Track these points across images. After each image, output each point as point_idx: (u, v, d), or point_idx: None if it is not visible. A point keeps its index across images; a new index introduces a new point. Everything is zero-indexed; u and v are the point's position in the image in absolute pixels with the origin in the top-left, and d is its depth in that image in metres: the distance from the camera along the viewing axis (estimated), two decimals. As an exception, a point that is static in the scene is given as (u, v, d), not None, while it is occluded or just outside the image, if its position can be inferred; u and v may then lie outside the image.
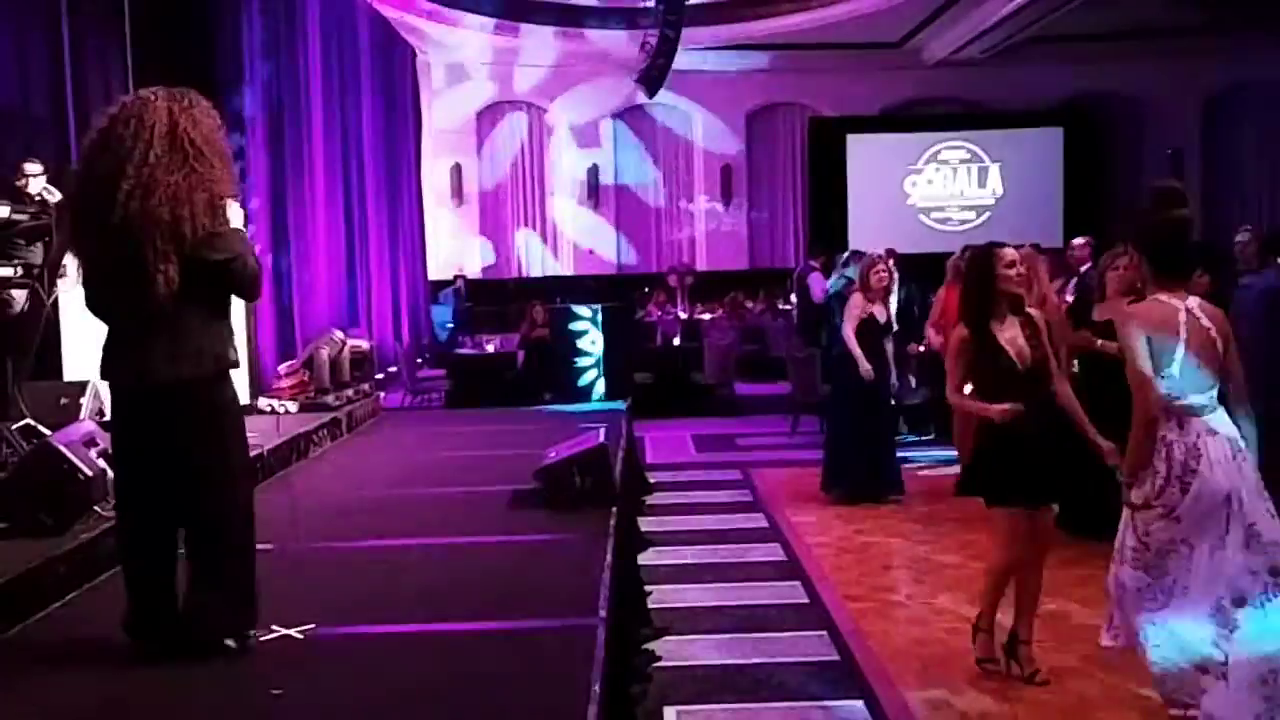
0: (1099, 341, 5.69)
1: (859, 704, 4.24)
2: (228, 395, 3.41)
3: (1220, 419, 3.46)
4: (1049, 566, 4.50)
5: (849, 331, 7.46)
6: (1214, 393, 3.46)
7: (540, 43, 17.33)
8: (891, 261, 10.13)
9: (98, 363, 3.33)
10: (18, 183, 6.49)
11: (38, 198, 6.39)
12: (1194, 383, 3.43)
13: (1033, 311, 4.47)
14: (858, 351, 7.41)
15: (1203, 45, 17.06)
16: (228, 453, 3.37)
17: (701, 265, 18.47)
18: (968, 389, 4.43)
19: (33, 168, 6.51)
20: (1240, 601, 3.36)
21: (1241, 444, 3.45)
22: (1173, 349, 3.40)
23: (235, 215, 3.39)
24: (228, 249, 3.23)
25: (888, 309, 7.71)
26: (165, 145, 3.17)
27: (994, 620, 4.46)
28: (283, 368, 8.39)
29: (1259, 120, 18.54)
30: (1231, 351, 3.49)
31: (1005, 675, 4.36)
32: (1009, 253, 4.35)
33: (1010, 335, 4.27)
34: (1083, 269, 7.57)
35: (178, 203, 3.12)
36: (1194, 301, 3.48)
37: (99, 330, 3.39)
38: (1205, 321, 3.44)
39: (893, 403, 8.16)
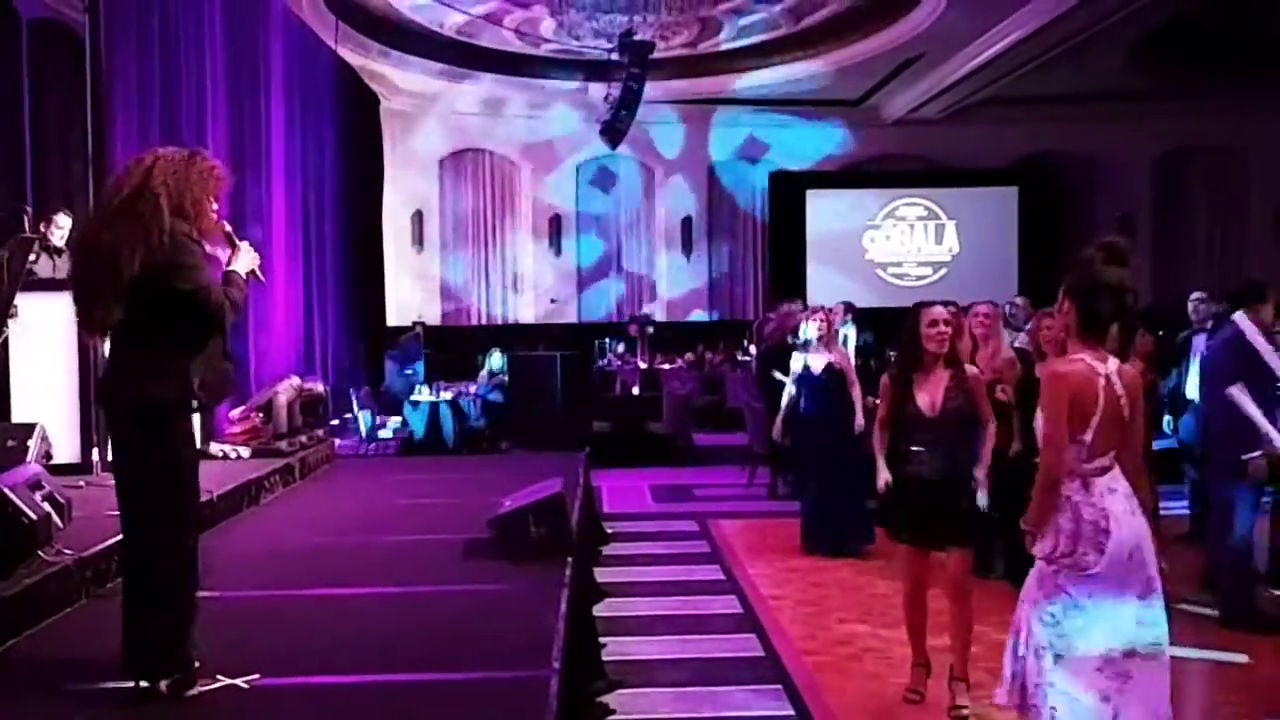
0: None
1: (813, 759, 4.22)
2: (186, 428, 3.49)
3: (1115, 475, 3.46)
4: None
5: (788, 385, 7.90)
6: (1114, 453, 3.47)
7: (504, 92, 17.44)
8: (849, 315, 10.27)
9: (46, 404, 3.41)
10: (41, 226, 6.63)
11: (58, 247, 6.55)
12: (1102, 446, 3.43)
13: (969, 366, 4.84)
14: (782, 408, 7.95)
15: (1153, 109, 17.51)
16: (175, 486, 3.41)
17: (662, 316, 18.56)
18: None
19: (64, 220, 6.65)
20: (1130, 653, 3.38)
21: (1134, 498, 3.47)
22: (1090, 415, 3.41)
23: (246, 259, 3.64)
24: (192, 281, 3.38)
25: (830, 358, 7.69)
26: (132, 192, 3.41)
27: (923, 655, 4.76)
28: (235, 413, 8.28)
29: (1207, 184, 19.09)
30: (1138, 419, 3.48)
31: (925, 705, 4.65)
32: (933, 312, 4.71)
33: (931, 385, 4.64)
34: None
35: (119, 243, 3.33)
36: (1113, 365, 3.46)
37: (46, 373, 3.46)
38: (1119, 389, 3.43)
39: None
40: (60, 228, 6.67)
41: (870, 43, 15.31)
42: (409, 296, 17.97)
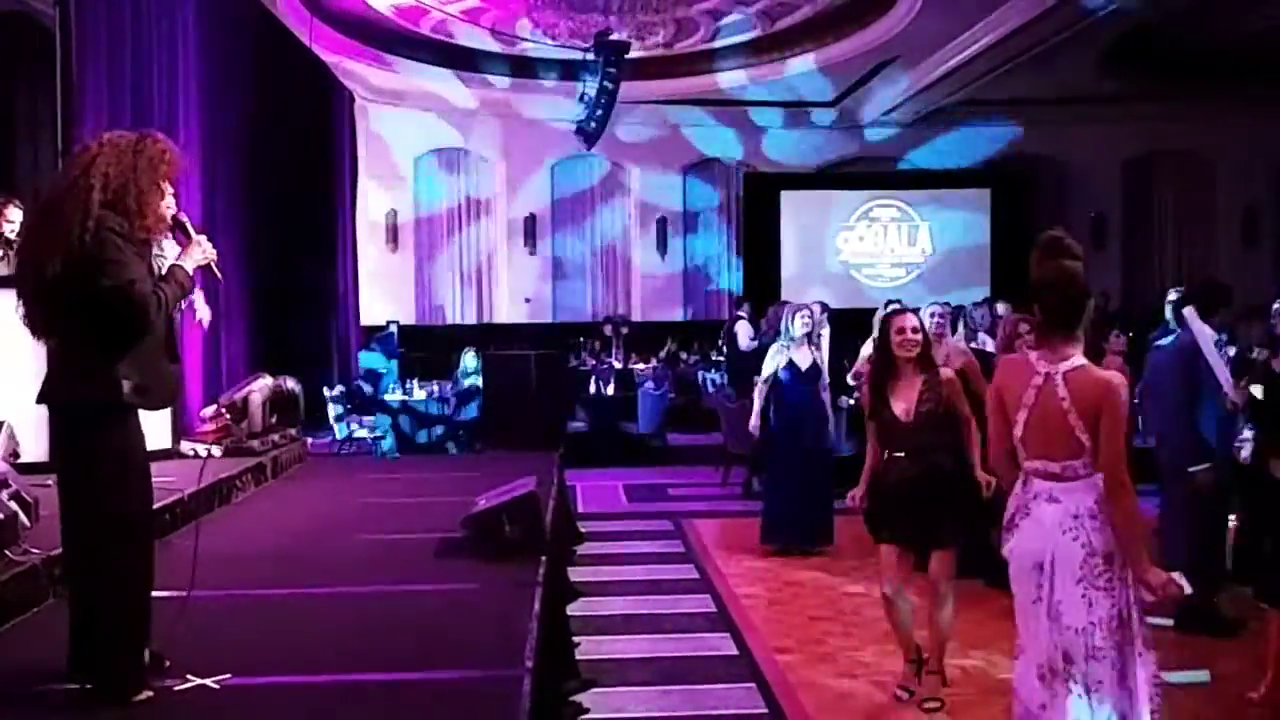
0: None
1: (786, 757, 4.23)
2: (123, 430, 3.32)
3: (1072, 490, 3.31)
4: (983, 618, 4.58)
5: (759, 383, 7.79)
6: (1075, 463, 3.29)
7: (480, 91, 17.39)
8: (825, 314, 10.27)
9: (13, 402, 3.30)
10: None
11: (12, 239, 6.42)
12: (1036, 448, 3.39)
13: (944, 370, 4.86)
14: (756, 404, 7.79)
15: (1124, 113, 17.67)
16: (107, 491, 3.27)
17: (637, 316, 18.55)
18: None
19: (14, 213, 6.51)
20: (1053, 671, 3.34)
21: (1088, 523, 3.28)
22: (1015, 412, 3.41)
23: (197, 253, 3.52)
24: (113, 276, 3.21)
25: (814, 355, 7.77)
26: (68, 184, 3.29)
27: (912, 651, 4.80)
28: (207, 411, 8.21)
29: (1176, 187, 19.31)
30: (1105, 426, 3.24)
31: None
32: (900, 320, 4.80)
33: (906, 391, 4.70)
34: None
35: (43, 240, 3.26)
36: (1065, 366, 3.32)
37: (12, 371, 3.35)
38: (1062, 392, 3.29)
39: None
40: (11, 221, 6.54)
41: (845, 45, 15.37)
42: (384, 295, 17.87)
